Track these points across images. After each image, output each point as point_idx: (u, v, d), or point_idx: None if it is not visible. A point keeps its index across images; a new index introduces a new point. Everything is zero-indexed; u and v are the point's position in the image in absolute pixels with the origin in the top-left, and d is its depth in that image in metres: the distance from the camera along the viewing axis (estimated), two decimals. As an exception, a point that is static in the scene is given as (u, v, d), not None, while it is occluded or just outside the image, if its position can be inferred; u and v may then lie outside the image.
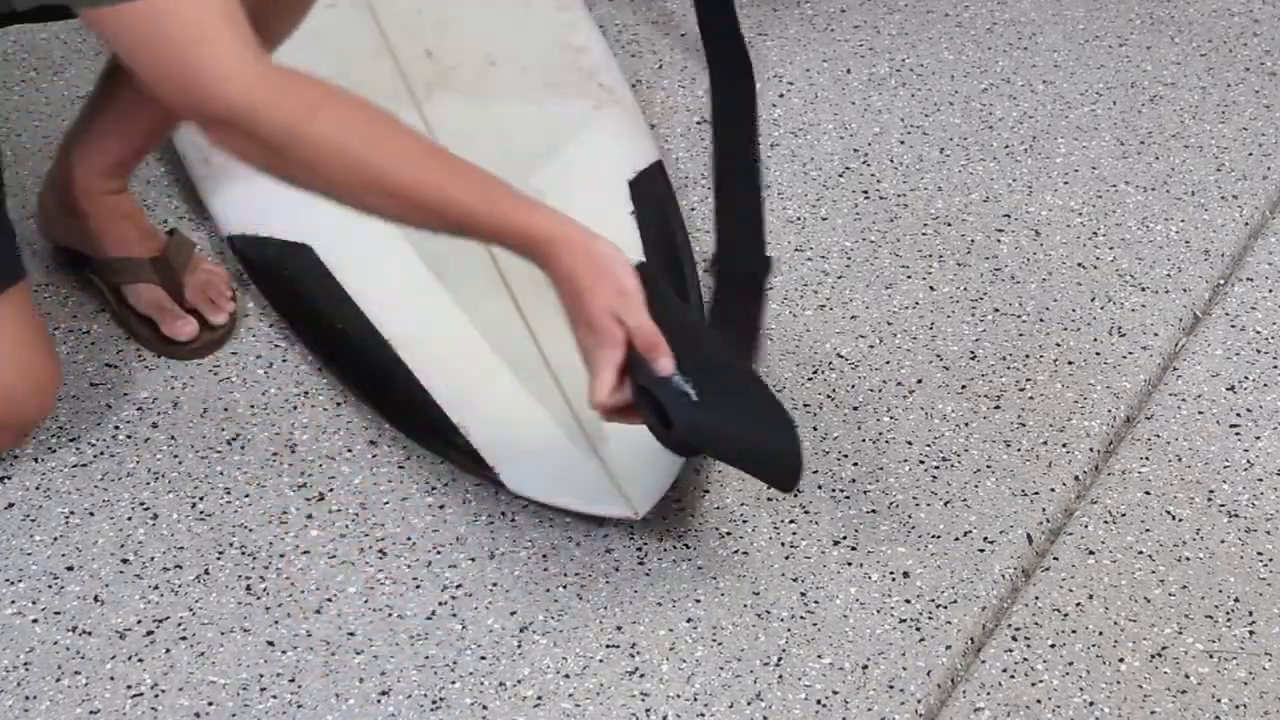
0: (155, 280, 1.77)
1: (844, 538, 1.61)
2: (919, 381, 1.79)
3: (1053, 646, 1.52)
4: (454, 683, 1.47)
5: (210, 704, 1.45)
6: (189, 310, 1.78)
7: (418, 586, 1.55)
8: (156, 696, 1.45)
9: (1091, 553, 1.61)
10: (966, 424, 1.74)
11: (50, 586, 1.54)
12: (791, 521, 1.63)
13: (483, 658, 1.49)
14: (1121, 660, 1.51)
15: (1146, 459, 1.71)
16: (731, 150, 2.10)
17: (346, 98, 1.37)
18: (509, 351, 1.70)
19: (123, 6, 1.30)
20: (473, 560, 1.58)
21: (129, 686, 1.46)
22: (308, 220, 1.82)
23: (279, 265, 1.79)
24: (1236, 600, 1.56)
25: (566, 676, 1.48)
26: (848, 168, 2.10)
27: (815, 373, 1.79)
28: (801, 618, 1.53)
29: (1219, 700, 1.47)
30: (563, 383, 1.67)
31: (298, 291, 1.78)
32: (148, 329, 1.78)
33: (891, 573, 1.58)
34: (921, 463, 1.69)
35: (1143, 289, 1.92)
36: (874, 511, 1.64)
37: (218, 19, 1.31)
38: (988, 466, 1.69)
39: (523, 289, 1.76)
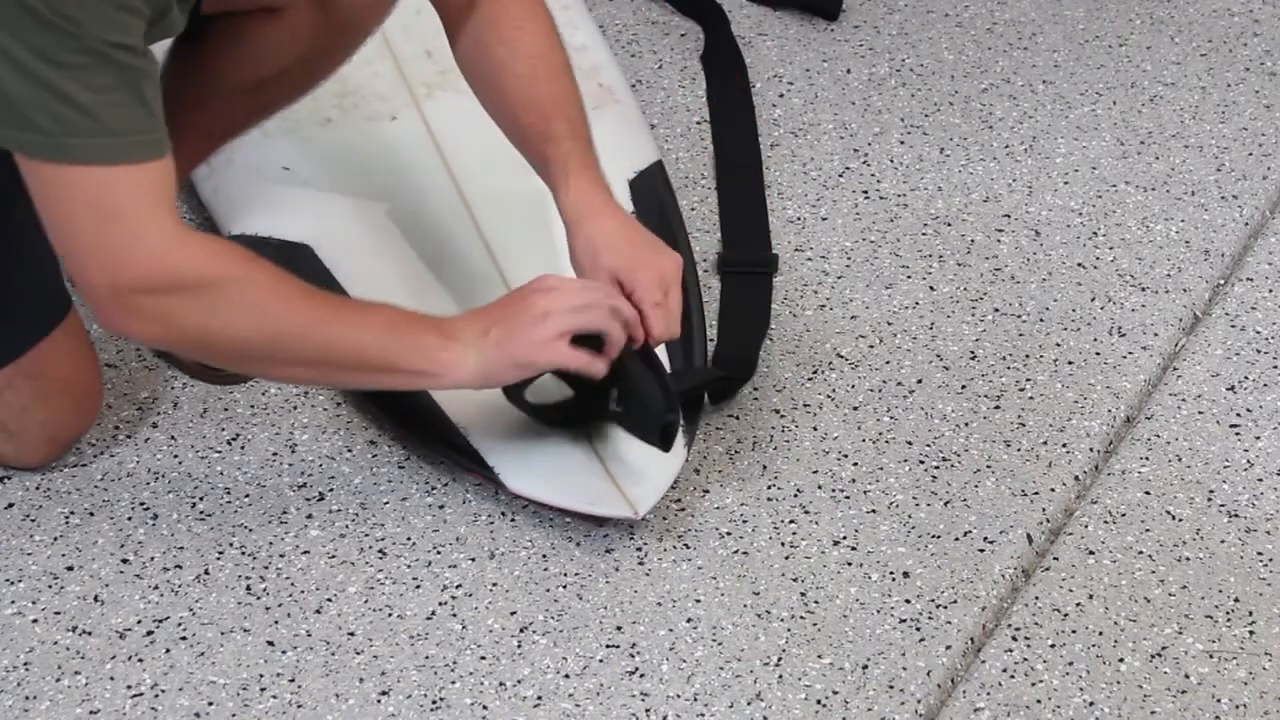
0: None
1: (844, 538, 1.61)
2: (919, 381, 1.79)
3: (1053, 646, 1.52)
4: (454, 683, 1.47)
5: (210, 704, 1.45)
6: None
7: (418, 586, 1.55)
8: (156, 696, 1.45)
9: (1091, 553, 1.61)
10: (966, 424, 1.74)
11: (50, 586, 1.54)
12: (791, 521, 1.63)
13: (483, 658, 1.49)
14: (1121, 660, 1.51)
15: (1146, 459, 1.71)
16: (732, 144, 2.11)
17: (262, 267, 1.42)
18: None
19: (54, 165, 1.31)
20: (473, 560, 1.58)
21: (129, 686, 1.46)
22: (308, 220, 1.82)
23: (279, 265, 1.79)
24: (1236, 600, 1.56)
25: (566, 676, 1.48)
26: (848, 168, 2.10)
27: (815, 373, 1.79)
28: (801, 618, 1.53)
29: (1219, 700, 1.47)
30: (563, 383, 1.66)
31: None
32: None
33: (891, 573, 1.58)
34: (921, 463, 1.69)
35: (1143, 289, 1.92)
36: (874, 511, 1.64)
37: (149, 192, 1.33)
38: (988, 466, 1.69)
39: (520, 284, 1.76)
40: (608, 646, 1.50)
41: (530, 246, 1.80)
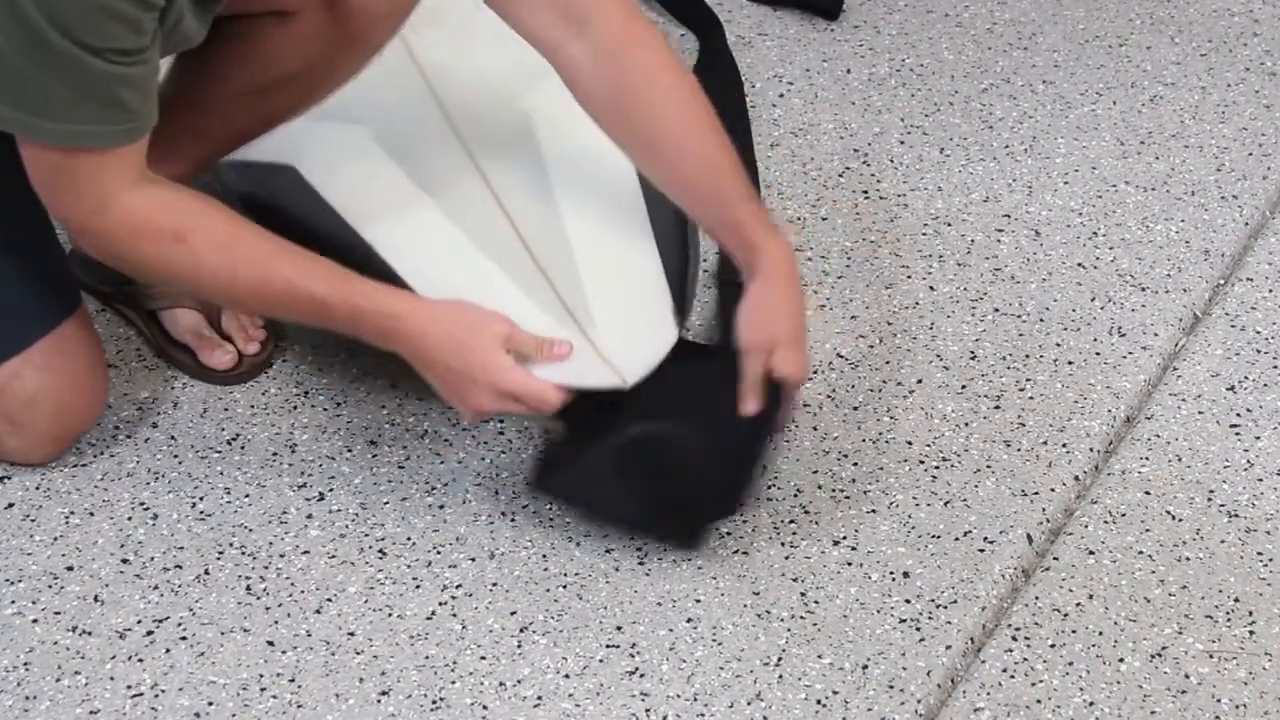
0: (195, 305, 1.76)
1: (844, 538, 1.61)
2: (919, 381, 1.79)
3: (1053, 646, 1.52)
4: (454, 683, 1.47)
5: (210, 704, 1.45)
6: (225, 337, 1.77)
7: (418, 586, 1.55)
8: (156, 696, 1.45)
9: (1091, 553, 1.61)
10: (966, 424, 1.74)
11: (50, 586, 1.54)
12: (791, 521, 1.63)
13: (483, 658, 1.49)
14: (1121, 660, 1.51)
15: (1146, 459, 1.71)
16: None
17: (209, 220, 1.49)
18: (496, 250, 1.68)
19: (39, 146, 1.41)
20: (473, 560, 1.58)
21: (129, 686, 1.46)
22: (291, 142, 1.79)
23: (263, 187, 1.77)
24: (1236, 600, 1.56)
25: (566, 676, 1.48)
26: (848, 168, 2.10)
27: (815, 373, 1.79)
28: (801, 618, 1.53)
29: (1219, 700, 1.47)
30: (550, 274, 1.65)
31: (283, 211, 1.74)
32: (187, 356, 1.76)
33: (891, 573, 1.58)
34: (921, 463, 1.69)
35: (1143, 289, 1.92)
36: (874, 511, 1.64)
37: (106, 171, 1.42)
38: (988, 466, 1.69)
39: (507, 191, 1.75)
40: (608, 646, 1.50)
41: (516, 159, 1.78)
